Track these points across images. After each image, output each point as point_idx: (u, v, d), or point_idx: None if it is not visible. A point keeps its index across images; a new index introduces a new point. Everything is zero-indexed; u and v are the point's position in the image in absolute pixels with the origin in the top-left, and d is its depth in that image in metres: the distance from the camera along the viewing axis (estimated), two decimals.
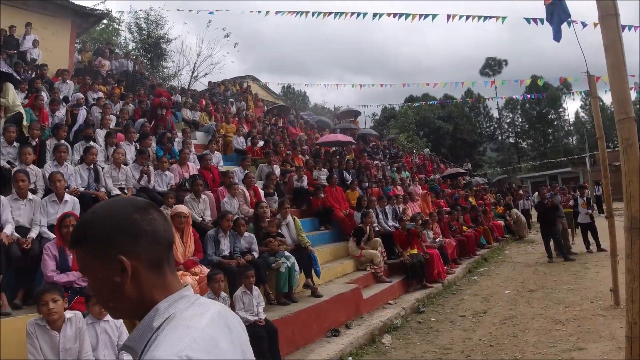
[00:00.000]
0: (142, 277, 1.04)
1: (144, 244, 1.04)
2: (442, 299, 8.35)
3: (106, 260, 1.02)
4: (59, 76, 12.51)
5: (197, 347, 0.93)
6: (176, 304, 1.04)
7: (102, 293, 1.06)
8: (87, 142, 7.53)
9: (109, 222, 1.04)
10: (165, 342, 0.93)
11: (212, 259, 6.00)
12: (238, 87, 21.73)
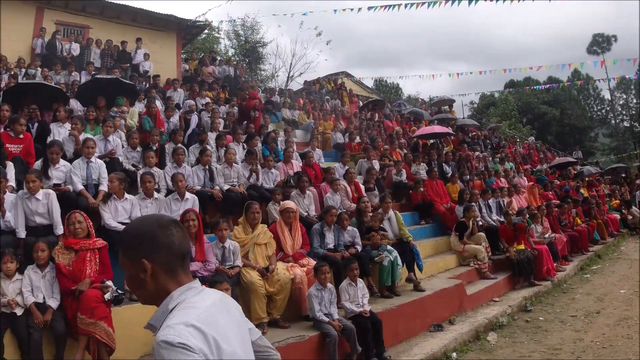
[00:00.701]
0: (158, 276, 1.41)
1: (161, 253, 1.41)
2: (552, 297, 7.92)
3: (133, 261, 1.41)
4: (170, 85, 13.68)
5: (199, 319, 1.29)
6: (186, 293, 1.40)
7: (132, 284, 1.48)
8: (201, 145, 8.21)
9: (138, 233, 1.44)
10: (176, 316, 1.31)
11: (318, 251, 6.24)
12: (332, 84, 22.09)
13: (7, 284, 4.26)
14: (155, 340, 1.27)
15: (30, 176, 4.97)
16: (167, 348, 1.23)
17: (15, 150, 6.20)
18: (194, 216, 5.22)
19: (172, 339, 1.23)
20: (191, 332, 1.25)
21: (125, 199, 5.57)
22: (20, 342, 4.08)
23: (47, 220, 5.03)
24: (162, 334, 1.26)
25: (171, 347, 1.22)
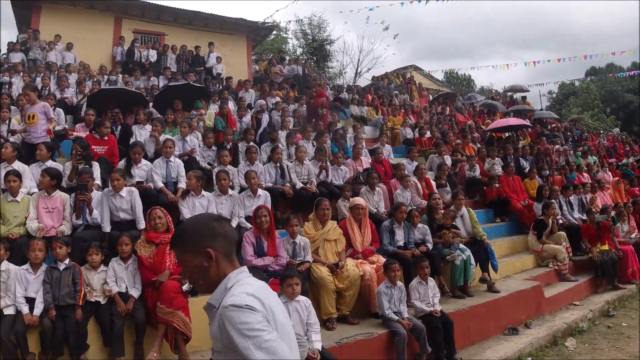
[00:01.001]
0: (220, 262, 1.63)
1: (220, 241, 1.64)
2: (637, 302, 7.34)
3: (196, 253, 1.62)
4: (241, 86, 14.12)
5: (256, 292, 1.53)
6: (240, 274, 1.63)
7: (195, 275, 1.66)
8: (272, 143, 8.40)
9: (197, 228, 1.66)
10: (237, 289, 1.54)
11: (388, 248, 6.17)
12: (401, 79, 21.73)
13: (92, 274, 4.59)
14: (222, 306, 1.49)
15: (115, 175, 5.33)
16: (235, 310, 1.45)
17: (100, 151, 6.65)
18: (266, 212, 5.34)
19: (239, 302, 1.46)
20: (252, 299, 1.49)
21: (202, 196, 5.82)
22: (103, 328, 4.39)
23: (130, 215, 5.36)
24: (228, 300, 1.48)
25: (239, 309, 1.45)
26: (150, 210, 4.85)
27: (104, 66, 13.80)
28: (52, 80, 11.22)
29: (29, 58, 13.30)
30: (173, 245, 1.74)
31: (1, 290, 4.25)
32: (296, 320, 4.22)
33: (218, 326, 1.52)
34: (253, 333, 1.43)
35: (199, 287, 1.72)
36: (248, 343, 1.41)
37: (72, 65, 13.07)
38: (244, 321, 1.43)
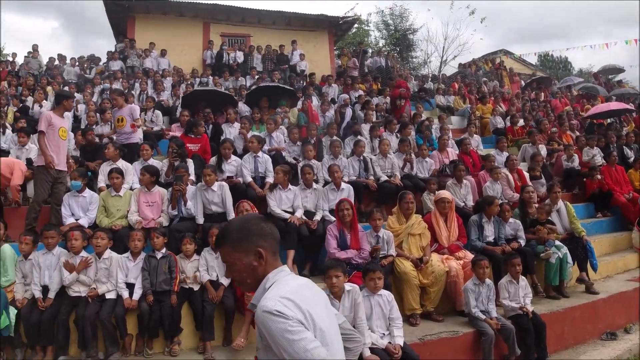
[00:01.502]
0: (268, 261, 1.65)
1: (268, 241, 1.67)
2: None
3: (246, 253, 1.64)
4: (324, 81, 14.26)
5: (290, 293, 1.53)
6: (279, 274, 1.64)
7: (243, 274, 1.67)
8: (356, 137, 8.41)
9: (248, 227, 1.67)
10: (272, 291, 1.55)
11: (476, 244, 5.93)
12: (490, 65, 20.71)
13: (186, 263, 4.91)
14: (257, 310, 1.52)
15: (207, 170, 5.65)
16: (267, 316, 1.47)
17: (194, 148, 7.09)
18: (349, 205, 5.36)
19: (270, 307, 1.47)
20: (285, 303, 1.49)
21: (288, 189, 5.98)
22: (196, 313, 4.68)
23: (221, 208, 5.66)
24: (261, 305, 1.51)
25: (270, 315, 1.46)
26: (238, 204, 5.07)
27: (196, 69, 14.67)
28: (150, 84, 12.10)
29: (127, 65, 14.49)
30: (221, 244, 1.71)
31: (104, 276, 4.70)
32: (378, 314, 4.20)
33: (258, 328, 1.56)
34: (287, 336, 1.45)
35: (246, 286, 1.72)
36: (282, 347, 1.46)
37: (166, 70, 14.02)
38: (276, 327, 1.45)
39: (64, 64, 14.92)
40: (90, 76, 13.59)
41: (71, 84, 12.09)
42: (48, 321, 4.40)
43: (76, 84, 12.41)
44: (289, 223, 5.58)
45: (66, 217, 5.57)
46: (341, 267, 4.06)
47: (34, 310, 4.48)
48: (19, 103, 10.73)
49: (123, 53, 14.99)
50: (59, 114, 5.92)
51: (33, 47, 15.28)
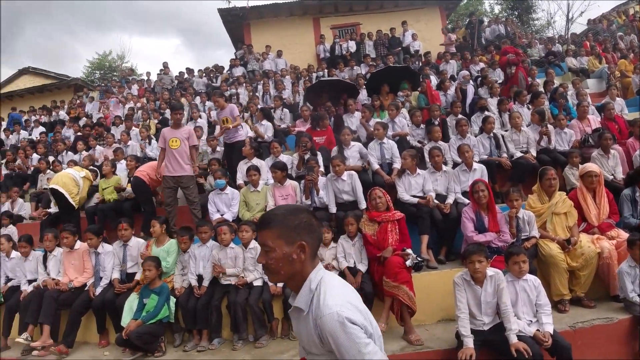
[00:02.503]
0: (306, 257, 1.63)
1: (313, 237, 1.65)
2: None
3: (289, 242, 1.60)
4: (440, 59, 13.73)
5: (352, 299, 1.59)
6: (319, 273, 1.64)
7: (279, 263, 1.61)
8: (482, 113, 8.00)
9: (298, 218, 1.63)
10: (328, 298, 1.53)
11: (630, 221, 5.31)
12: (624, 17, 18.25)
13: (324, 250, 5.10)
14: (319, 316, 1.52)
15: (335, 161, 5.79)
16: (337, 323, 1.48)
17: (320, 141, 7.32)
18: (484, 186, 5.11)
19: (341, 315, 1.48)
20: (350, 309, 1.52)
21: (417, 174, 5.89)
22: None
23: (352, 197, 5.78)
24: (329, 310, 1.50)
25: (341, 322, 1.47)
26: (370, 191, 5.11)
27: (311, 65, 15.13)
28: (271, 85, 12.71)
29: (248, 70, 15.38)
30: (267, 226, 1.65)
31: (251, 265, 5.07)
32: (524, 300, 3.97)
33: (317, 334, 1.55)
34: (358, 347, 1.47)
35: (277, 276, 1.66)
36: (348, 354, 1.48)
37: (284, 70, 14.62)
38: (346, 335, 1.47)
39: (193, 77, 16.31)
40: (217, 84, 14.67)
41: (202, 94, 13.15)
42: (203, 307, 4.89)
43: (206, 93, 13.48)
44: (420, 207, 5.51)
45: (213, 213, 6.13)
46: (484, 252, 3.91)
47: (190, 297, 5.01)
48: (159, 116, 11.99)
49: (243, 59, 15.97)
50: (173, 127, 6.48)
51: (164, 65, 16.95)
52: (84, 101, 16.50)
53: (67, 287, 5.40)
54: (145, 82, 17.33)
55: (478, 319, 3.86)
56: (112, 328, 5.28)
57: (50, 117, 15.35)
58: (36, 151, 11.01)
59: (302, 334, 1.65)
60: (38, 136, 13.15)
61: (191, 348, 4.81)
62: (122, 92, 15.73)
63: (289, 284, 1.70)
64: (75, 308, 5.25)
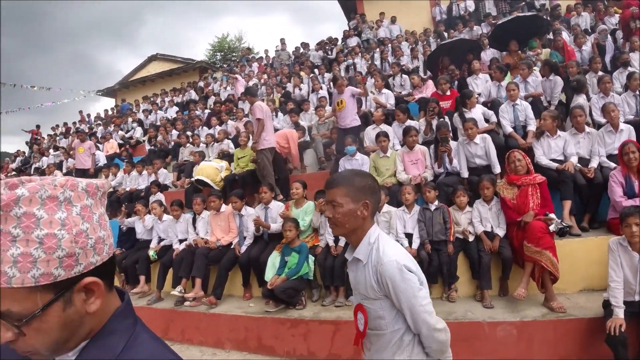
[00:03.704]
0: (368, 215, 1.84)
1: (375, 198, 1.87)
2: None
3: (355, 200, 1.81)
4: (570, 12, 12.51)
5: (407, 254, 1.83)
6: (376, 230, 1.87)
7: (345, 217, 1.81)
8: (625, 69, 7.23)
9: (366, 183, 1.85)
10: (387, 249, 1.78)
11: None
12: None
13: (459, 214, 5.06)
14: (380, 263, 1.75)
15: (468, 124, 5.64)
16: (396, 268, 1.72)
17: (445, 106, 7.15)
18: (634, 147, 4.68)
19: (400, 262, 1.73)
20: (406, 259, 1.77)
21: (557, 136, 5.54)
22: (472, 262, 4.81)
23: (485, 161, 5.62)
24: (389, 258, 1.74)
25: (401, 268, 1.72)
26: (509, 153, 4.94)
27: (428, 29, 14.58)
28: (389, 52, 12.58)
29: (363, 40, 15.29)
30: (337, 184, 1.85)
31: (385, 228, 5.20)
32: None
33: (375, 279, 1.77)
34: (413, 291, 1.72)
35: (342, 229, 1.86)
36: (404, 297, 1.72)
37: (400, 36, 14.33)
38: (403, 279, 1.72)
39: (308, 50, 16.70)
40: (332, 56, 14.87)
41: (320, 67, 13.45)
42: (340, 266, 5.13)
43: (323, 65, 13.75)
44: (562, 172, 5.19)
45: None
46: None
47: (327, 256, 5.28)
48: (281, 90, 12.53)
49: (357, 29, 15.93)
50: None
51: (281, 41, 17.54)
52: (209, 81, 17.80)
53: (216, 245, 6.00)
54: (263, 59, 18.15)
55: (632, 288, 3.61)
56: (255, 282, 5.78)
57: (183, 97, 16.80)
58: (175, 128, 12.19)
59: (360, 282, 1.86)
60: (174, 114, 14.53)
61: (329, 303, 5.12)
62: (243, 71, 16.67)
63: (351, 238, 1.89)
64: (223, 264, 5.82)
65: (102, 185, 0.87)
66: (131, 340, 0.84)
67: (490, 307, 4.45)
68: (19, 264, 0.72)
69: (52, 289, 0.76)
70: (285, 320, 4.93)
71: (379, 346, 1.84)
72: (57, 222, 0.76)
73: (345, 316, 4.71)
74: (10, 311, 0.73)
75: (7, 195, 0.73)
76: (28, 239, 0.73)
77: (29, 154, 17.91)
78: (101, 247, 0.82)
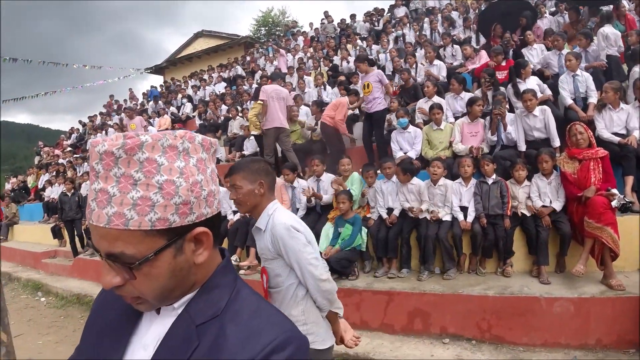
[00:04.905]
0: (265, 192, 2.19)
1: (270, 178, 2.22)
2: None
3: (252, 181, 2.15)
4: None
5: (297, 218, 2.24)
6: (275, 204, 2.22)
7: (246, 197, 2.15)
8: None
9: (258, 166, 2.19)
10: (279, 215, 2.16)
11: None
12: None
13: (517, 188, 4.97)
14: (274, 225, 2.12)
15: (527, 95, 5.44)
16: (285, 229, 2.09)
17: (501, 76, 6.92)
18: None
19: (288, 224, 2.10)
20: (294, 222, 2.14)
21: (620, 109, 5.27)
22: (529, 238, 4.73)
23: (543, 134, 5.45)
24: (280, 221, 2.11)
25: (289, 228, 2.09)
26: (570, 126, 4.77)
27: None
28: (439, 23, 12.20)
29: (411, 9, 14.86)
30: (236, 170, 2.17)
31: (440, 201, 5.18)
32: None
33: (270, 242, 2.12)
34: (299, 246, 2.08)
35: (244, 207, 2.19)
36: (299, 252, 2.08)
37: (449, 5, 13.81)
38: (291, 238, 2.08)
39: (355, 22, 16.43)
40: (379, 27, 14.58)
41: (367, 38, 13.25)
42: (393, 238, 5.19)
43: (370, 37, 13.53)
44: (624, 146, 4.97)
45: (395, 152, 6.35)
46: None
47: (380, 228, 5.34)
48: (329, 63, 12.45)
49: None
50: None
51: (324, 14, 17.31)
52: (255, 56, 17.90)
53: None
54: (309, 34, 18.03)
55: None
56: None
57: (229, 73, 17.00)
58: (224, 103, 12.40)
59: (262, 247, 2.20)
60: (223, 90, 14.76)
61: (382, 274, 5.20)
62: (289, 44, 16.63)
63: (253, 213, 2.21)
64: None
65: (214, 143, 0.90)
66: (234, 295, 0.87)
67: (547, 283, 4.39)
68: (138, 207, 0.74)
69: (165, 234, 0.77)
70: (338, 289, 5.00)
71: (280, 303, 2.16)
72: (176, 170, 0.78)
73: (399, 287, 4.79)
74: (124, 253, 0.75)
75: (132, 140, 0.76)
76: (148, 183, 0.75)
77: (83, 131, 18.74)
78: (212, 200, 0.84)
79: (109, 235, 0.75)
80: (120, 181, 0.75)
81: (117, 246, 0.75)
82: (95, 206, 0.76)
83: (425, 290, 4.62)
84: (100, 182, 0.76)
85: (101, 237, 0.77)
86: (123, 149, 0.75)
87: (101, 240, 0.77)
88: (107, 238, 0.76)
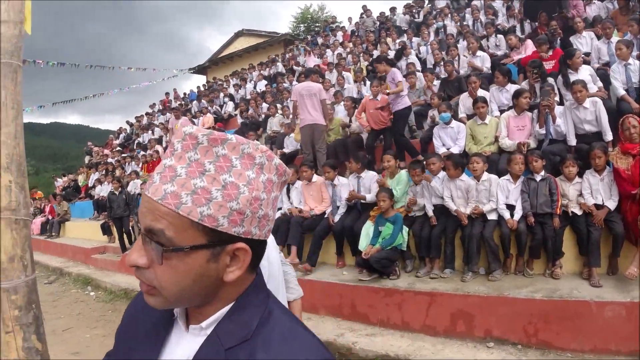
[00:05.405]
0: None
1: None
2: None
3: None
4: None
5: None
6: None
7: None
8: None
9: None
10: None
11: None
12: None
13: (568, 185, 4.74)
14: None
15: (577, 87, 5.15)
16: None
17: (548, 67, 6.61)
18: None
19: None
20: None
21: None
22: (580, 238, 4.49)
23: (594, 127, 5.16)
24: None
25: None
26: (623, 119, 4.50)
27: None
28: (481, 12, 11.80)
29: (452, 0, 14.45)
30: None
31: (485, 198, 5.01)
32: None
33: None
34: None
35: None
36: None
37: None
38: None
39: (394, 15, 16.16)
40: (419, 19, 14.29)
41: (409, 31, 13.00)
42: (436, 237, 5.07)
43: (409, 29, 13.28)
44: None
45: (438, 147, 6.20)
46: None
47: (424, 227, 5.22)
48: (368, 57, 12.31)
49: None
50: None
51: (363, 8, 17.11)
52: (294, 53, 17.95)
53: (309, 215, 6.16)
54: (348, 28, 17.91)
55: None
56: (348, 251, 5.89)
57: (270, 71, 17.13)
58: (265, 101, 12.50)
59: None
60: (263, 87, 14.90)
61: (424, 274, 5.09)
62: (328, 40, 16.57)
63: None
64: (318, 232, 5.97)
65: (288, 173, 0.88)
66: (265, 315, 0.84)
67: (598, 285, 4.16)
68: (195, 196, 0.74)
69: (209, 235, 0.76)
70: (379, 289, 4.99)
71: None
72: (245, 177, 0.77)
73: (442, 288, 4.68)
74: (164, 232, 0.74)
75: (219, 134, 0.77)
76: (215, 177, 0.75)
77: (131, 131, 19.39)
78: (264, 224, 0.82)
79: (157, 211, 0.75)
80: (191, 165, 0.75)
81: (160, 223, 0.75)
82: (158, 179, 0.76)
83: (469, 292, 4.49)
84: (174, 159, 0.77)
85: (149, 210, 0.76)
86: (207, 137, 0.76)
87: (147, 213, 0.76)
88: (154, 212, 0.75)
